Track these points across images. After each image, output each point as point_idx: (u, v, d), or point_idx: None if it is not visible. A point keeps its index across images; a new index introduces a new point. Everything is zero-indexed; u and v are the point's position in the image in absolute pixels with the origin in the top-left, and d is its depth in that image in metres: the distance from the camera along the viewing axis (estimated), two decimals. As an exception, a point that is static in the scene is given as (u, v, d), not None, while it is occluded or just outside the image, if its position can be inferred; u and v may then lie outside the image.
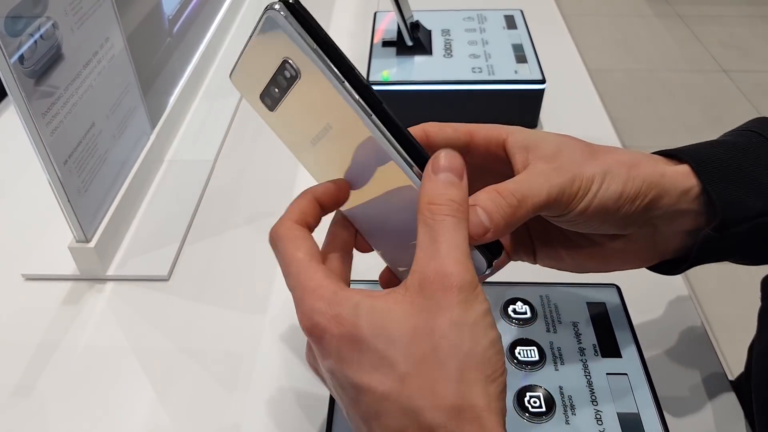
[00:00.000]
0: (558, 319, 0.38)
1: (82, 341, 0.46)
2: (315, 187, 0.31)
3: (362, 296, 0.26)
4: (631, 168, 0.31)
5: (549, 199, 0.29)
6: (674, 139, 1.92)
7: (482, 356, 0.24)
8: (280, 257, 0.29)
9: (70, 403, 0.42)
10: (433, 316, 0.24)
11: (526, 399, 0.33)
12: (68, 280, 0.51)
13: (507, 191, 0.29)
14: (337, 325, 0.25)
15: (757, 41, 2.45)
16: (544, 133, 0.33)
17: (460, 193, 0.27)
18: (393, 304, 0.25)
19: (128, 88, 0.55)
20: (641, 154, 0.33)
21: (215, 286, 0.51)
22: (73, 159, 0.47)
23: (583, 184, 0.30)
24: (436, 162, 0.27)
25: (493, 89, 0.64)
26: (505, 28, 0.74)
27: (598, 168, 0.31)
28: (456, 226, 0.26)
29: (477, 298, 0.25)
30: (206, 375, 0.44)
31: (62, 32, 0.45)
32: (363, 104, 0.27)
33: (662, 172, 0.32)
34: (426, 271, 0.25)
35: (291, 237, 0.29)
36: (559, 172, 0.30)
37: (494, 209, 0.28)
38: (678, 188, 0.32)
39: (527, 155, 0.31)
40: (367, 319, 0.25)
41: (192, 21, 0.73)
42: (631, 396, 0.34)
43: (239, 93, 0.32)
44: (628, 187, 0.31)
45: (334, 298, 0.26)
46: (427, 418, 0.24)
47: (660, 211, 0.32)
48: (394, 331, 0.24)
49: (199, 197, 0.59)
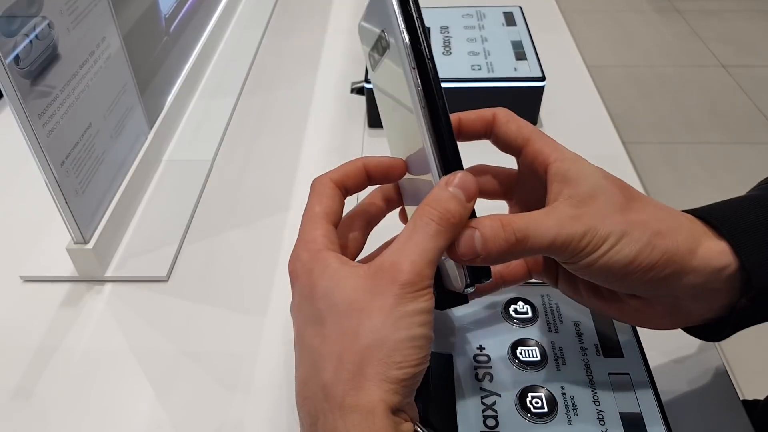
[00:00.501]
0: (559, 318, 0.38)
1: (81, 343, 0.46)
2: (371, 157, 0.33)
3: (336, 261, 0.29)
4: (655, 235, 0.29)
5: (552, 246, 0.29)
6: (674, 134, 1.92)
7: (396, 344, 0.26)
8: (306, 204, 0.32)
9: (70, 406, 0.42)
10: (370, 298, 0.27)
11: (528, 399, 0.33)
12: (67, 281, 0.51)
13: (510, 226, 0.29)
14: (306, 277, 0.29)
15: (756, 36, 2.45)
16: (588, 168, 0.32)
17: (461, 210, 0.28)
18: (351, 275, 0.28)
19: (125, 88, 0.55)
20: (680, 217, 0.31)
21: (215, 286, 0.50)
22: (70, 160, 0.46)
23: (594, 240, 0.29)
24: (452, 177, 0.29)
25: (493, 87, 0.64)
26: (504, 25, 0.73)
27: (618, 226, 0.29)
28: (436, 233, 0.28)
29: (417, 297, 0.27)
30: (206, 376, 0.43)
31: (58, 32, 0.45)
32: (422, 98, 0.29)
33: (691, 248, 0.30)
34: (386, 259, 0.28)
35: (319, 191, 0.32)
36: (577, 221, 0.29)
37: (491, 238, 0.29)
38: (710, 267, 0.30)
39: (562, 189, 0.31)
40: (327, 280, 0.29)
41: (189, 20, 0.72)
42: (634, 396, 0.33)
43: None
44: (642, 256, 0.29)
45: (317, 254, 0.29)
46: (326, 379, 0.27)
47: (681, 288, 0.30)
48: (337, 298, 0.28)
49: (198, 197, 0.59)
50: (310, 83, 0.75)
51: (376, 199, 0.35)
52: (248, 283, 0.51)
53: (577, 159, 0.32)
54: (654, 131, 1.95)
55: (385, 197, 0.35)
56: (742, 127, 1.97)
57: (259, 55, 0.81)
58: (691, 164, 1.82)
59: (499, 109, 0.35)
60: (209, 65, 0.77)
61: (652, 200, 0.32)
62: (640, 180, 0.60)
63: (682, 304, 0.32)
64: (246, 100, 0.73)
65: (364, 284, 0.28)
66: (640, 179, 0.60)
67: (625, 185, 0.32)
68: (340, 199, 0.32)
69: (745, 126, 1.98)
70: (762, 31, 2.48)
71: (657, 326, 0.34)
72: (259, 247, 0.54)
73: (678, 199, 1.65)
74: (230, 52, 0.81)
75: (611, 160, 0.62)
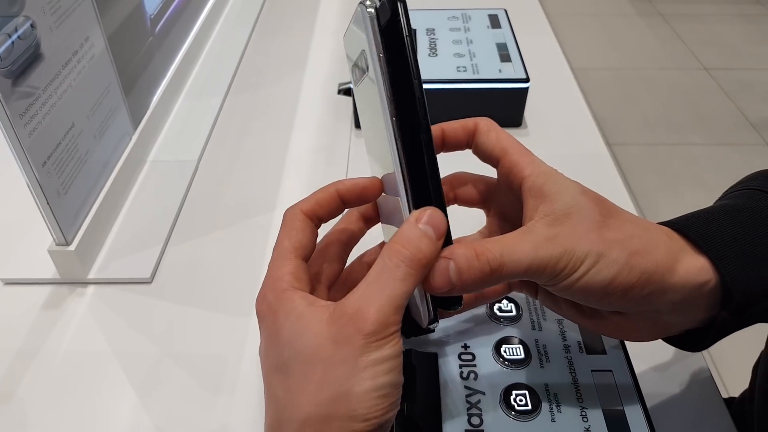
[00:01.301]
0: (543, 317, 0.38)
1: (63, 346, 0.46)
2: (343, 180, 0.33)
3: (302, 303, 0.28)
4: (633, 255, 0.29)
5: (529, 271, 0.28)
6: (657, 136, 1.94)
7: (360, 397, 0.26)
8: (277, 237, 0.32)
9: (51, 410, 0.42)
10: (334, 347, 0.26)
11: (512, 397, 0.33)
12: (48, 284, 0.50)
13: (484, 255, 0.28)
14: (272, 319, 0.29)
15: (737, 39, 2.48)
16: (564, 182, 0.31)
17: (431, 249, 0.27)
18: (316, 320, 0.27)
19: (109, 88, 0.55)
20: (658, 232, 0.31)
21: (199, 288, 0.50)
22: (52, 160, 0.46)
23: (571, 263, 0.28)
24: (422, 213, 0.28)
25: (478, 88, 0.64)
26: (490, 27, 0.74)
27: (595, 246, 0.29)
28: (405, 277, 0.27)
29: (383, 345, 0.26)
30: (190, 379, 0.43)
31: (40, 32, 0.44)
32: (395, 127, 0.28)
33: (670, 266, 0.29)
34: (352, 304, 0.27)
35: (289, 224, 0.31)
36: (551, 243, 0.29)
37: (466, 269, 0.28)
38: (690, 283, 0.30)
39: (537, 205, 0.30)
40: (292, 324, 0.28)
41: (175, 20, 0.72)
42: (616, 393, 0.34)
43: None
44: (620, 278, 0.29)
45: (282, 295, 0.29)
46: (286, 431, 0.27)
47: (661, 304, 0.30)
48: (301, 346, 0.27)
49: (183, 198, 0.58)
50: (297, 83, 0.75)
51: (353, 220, 0.35)
52: (233, 284, 0.50)
53: (553, 173, 0.32)
54: (638, 133, 1.97)
55: (362, 216, 0.35)
56: (724, 128, 2.00)
57: (246, 55, 0.81)
58: (675, 165, 1.84)
59: (481, 118, 0.34)
60: (195, 65, 0.77)
61: (629, 215, 0.31)
62: (624, 181, 0.60)
63: (662, 318, 0.32)
64: (232, 101, 0.73)
65: (328, 331, 0.27)
66: (624, 180, 0.61)
67: (601, 200, 0.31)
68: (312, 230, 0.32)
69: (727, 127, 2.01)
70: (743, 34, 2.52)
71: (638, 338, 0.34)
72: (245, 248, 0.54)
73: (662, 200, 1.66)
74: (217, 53, 0.80)
75: (595, 161, 0.63)
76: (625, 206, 0.56)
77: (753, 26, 2.57)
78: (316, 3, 0.93)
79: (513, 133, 0.65)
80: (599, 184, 0.60)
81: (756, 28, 2.55)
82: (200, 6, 0.81)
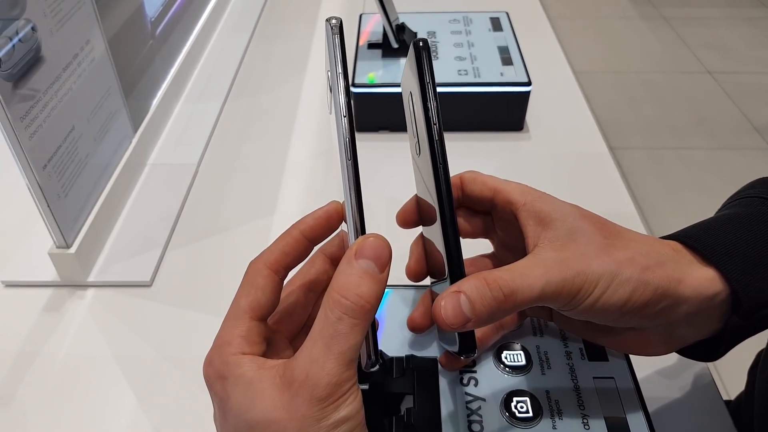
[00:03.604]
0: (545, 323, 0.38)
1: (62, 349, 0.46)
2: (303, 219, 0.31)
3: (251, 366, 0.27)
4: (644, 270, 0.29)
5: (543, 295, 0.28)
6: (660, 139, 1.94)
7: None
8: (236, 292, 0.30)
9: (51, 412, 0.41)
10: (288, 417, 0.25)
11: (513, 404, 0.33)
12: (48, 286, 0.50)
13: (496, 283, 0.27)
14: (221, 386, 0.27)
15: (741, 43, 2.48)
16: (561, 206, 0.31)
17: (374, 288, 0.26)
18: (267, 387, 0.26)
19: (109, 91, 0.55)
20: (663, 248, 0.31)
21: (198, 291, 0.50)
22: (52, 163, 0.46)
23: (586, 285, 0.28)
24: (361, 247, 0.26)
25: (480, 92, 0.64)
26: (491, 30, 0.74)
27: (607, 267, 0.28)
28: (350, 329, 0.25)
29: (339, 406, 0.25)
30: (189, 382, 0.43)
31: (41, 34, 0.44)
32: (348, 146, 0.27)
33: (681, 278, 0.29)
34: (301, 368, 0.25)
35: (249, 281, 0.30)
36: (563, 266, 0.28)
37: (478, 299, 0.27)
38: (701, 295, 0.30)
39: (540, 232, 0.30)
40: (240, 395, 0.26)
41: (175, 23, 0.72)
42: (618, 400, 0.33)
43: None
44: (636, 295, 0.28)
45: (229, 360, 0.27)
46: None
47: (676, 317, 0.30)
48: (253, 418, 0.25)
49: (182, 202, 0.58)
50: (297, 88, 0.75)
51: (317, 261, 0.33)
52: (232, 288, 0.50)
53: (548, 198, 0.31)
54: (640, 137, 1.97)
55: (328, 257, 0.33)
56: (727, 132, 2.00)
57: (246, 59, 0.81)
58: (678, 169, 1.84)
59: (465, 172, 0.34)
60: (195, 69, 0.77)
61: (632, 233, 0.31)
62: (627, 185, 0.60)
63: (676, 331, 0.32)
64: (232, 104, 0.72)
65: (280, 400, 0.25)
66: (627, 184, 0.61)
67: (602, 222, 0.31)
68: (275, 286, 0.30)
69: (731, 131, 2.00)
70: (746, 37, 2.51)
71: (653, 353, 0.33)
72: (244, 252, 0.53)
73: (664, 204, 1.66)
74: (217, 56, 0.80)
75: (597, 165, 0.63)
76: (627, 211, 0.57)
77: (756, 29, 2.57)
78: (315, 8, 0.93)
79: (514, 137, 0.66)
80: (601, 189, 0.60)
81: (759, 31, 2.55)
82: (200, 9, 0.81)
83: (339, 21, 0.28)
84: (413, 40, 0.30)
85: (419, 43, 0.30)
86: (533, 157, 0.64)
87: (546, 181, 0.32)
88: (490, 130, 0.66)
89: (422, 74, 0.29)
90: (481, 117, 0.66)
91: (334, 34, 0.28)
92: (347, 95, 0.27)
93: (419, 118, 0.30)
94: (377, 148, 0.63)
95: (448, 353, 0.34)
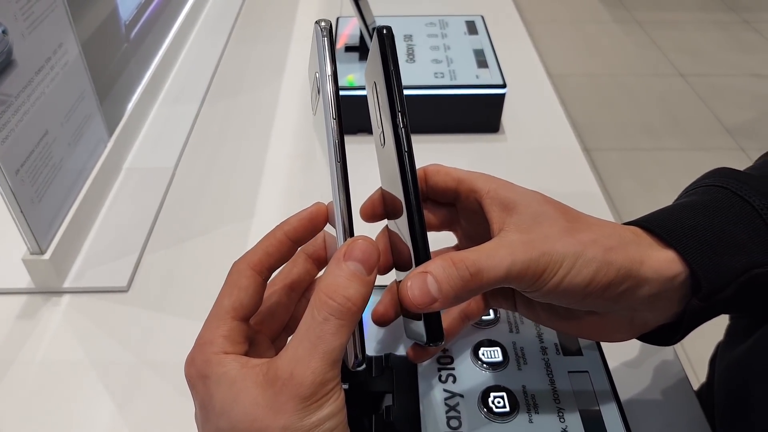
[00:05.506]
0: (520, 320, 0.39)
1: (38, 356, 0.45)
2: (287, 220, 0.31)
3: (234, 365, 0.27)
4: (607, 251, 0.29)
5: (509, 275, 0.28)
6: (633, 141, 1.97)
7: None
8: (219, 292, 0.30)
9: (27, 420, 0.41)
10: (272, 415, 0.25)
11: (490, 399, 0.34)
12: (23, 293, 0.49)
13: (462, 263, 0.28)
14: (203, 385, 0.27)
15: (712, 46, 2.53)
16: (524, 193, 0.32)
17: (361, 290, 0.26)
18: (250, 385, 0.26)
19: (83, 95, 0.54)
20: (624, 231, 0.31)
21: (176, 296, 0.50)
22: (25, 168, 0.45)
23: (551, 265, 0.29)
24: (351, 248, 0.26)
25: (456, 94, 0.65)
26: (467, 33, 0.74)
27: (571, 248, 0.29)
28: (337, 330, 0.25)
29: (324, 404, 0.25)
30: (168, 387, 0.43)
31: (12, 38, 0.44)
32: (338, 148, 0.27)
33: (642, 260, 0.30)
34: (285, 367, 0.25)
35: (233, 281, 0.30)
36: (528, 247, 0.29)
37: (445, 279, 0.27)
38: (662, 276, 0.30)
39: (504, 218, 0.30)
40: (224, 392, 0.26)
41: (150, 26, 0.72)
42: (592, 393, 0.34)
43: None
44: (600, 275, 0.29)
45: (212, 359, 0.27)
46: None
47: (637, 300, 0.31)
48: (237, 416, 0.25)
49: (159, 206, 0.58)
50: (275, 90, 0.75)
51: (299, 261, 0.33)
52: (210, 292, 0.49)
53: (512, 186, 0.32)
54: (615, 138, 2.00)
55: (310, 257, 0.33)
56: (699, 133, 2.04)
57: (223, 61, 0.81)
58: (651, 170, 1.87)
59: (428, 166, 0.34)
60: (171, 72, 0.76)
61: (593, 218, 0.32)
62: (601, 186, 0.61)
63: (638, 315, 0.32)
64: (209, 107, 0.72)
65: (264, 398, 0.25)
66: (601, 185, 0.62)
67: (564, 207, 0.32)
68: (257, 287, 0.30)
69: (703, 132, 2.04)
70: (717, 41, 2.57)
71: (616, 339, 0.34)
72: (222, 255, 0.53)
73: (639, 204, 1.69)
74: (193, 59, 0.80)
75: (572, 166, 0.64)
76: (601, 210, 0.58)
77: (726, 33, 2.63)
78: (292, 11, 0.94)
79: (490, 139, 0.67)
80: (576, 189, 0.61)
81: (729, 35, 2.61)
82: (176, 12, 0.81)
83: (329, 24, 0.28)
84: (377, 28, 0.30)
85: (383, 30, 0.29)
86: (509, 158, 0.65)
87: (521, 181, 0.33)
88: (466, 132, 0.67)
89: (386, 62, 0.29)
90: (457, 119, 0.67)
91: (323, 36, 0.27)
92: (337, 98, 0.27)
93: (384, 107, 0.30)
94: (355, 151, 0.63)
95: (415, 345, 0.34)
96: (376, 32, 0.30)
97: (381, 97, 0.30)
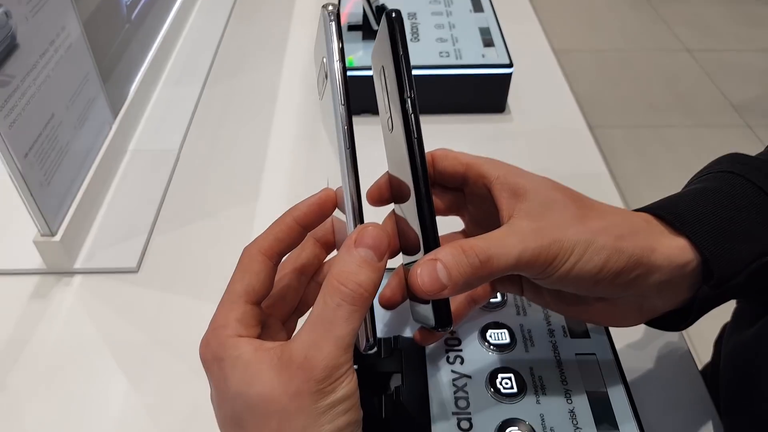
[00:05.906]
0: (528, 302, 0.39)
1: (51, 336, 0.46)
2: (297, 206, 0.31)
3: (248, 350, 0.27)
4: (618, 239, 0.29)
5: (519, 262, 0.28)
6: (639, 118, 1.96)
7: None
8: (231, 277, 0.30)
9: (42, 399, 0.42)
10: (287, 397, 0.25)
11: (498, 380, 0.34)
12: (35, 274, 0.50)
13: (472, 250, 0.28)
14: (218, 368, 0.27)
15: (720, 21, 2.50)
16: (534, 179, 0.31)
17: (372, 276, 0.26)
18: (265, 368, 0.26)
19: (87, 77, 0.54)
20: (635, 218, 0.32)
21: (185, 276, 0.50)
22: (33, 151, 0.45)
23: (561, 252, 0.29)
24: (361, 234, 0.27)
25: (461, 74, 0.64)
26: (472, 11, 0.74)
27: (582, 235, 0.29)
28: (349, 316, 0.26)
29: (337, 387, 0.26)
30: (179, 366, 0.43)
31: (16, 21, 0.43)
32: (347, 135, 0.27)
33: (653, 247, 0.30)
34: (299, 351, 0.26)
35: (243, 266, 0.30)
36: (538, 234, 0.29)
37: (454, 266, 0.27)
38: (673, 263, 0.30)
39: (514, 204, 0.30)
40: (239, 374, 0.26)
41: (150, 6, 0.71)
42: (600, 375, 0.34)
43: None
44: (611, 263, 0.29)
45: (226, 342, 0.27)
46: None
47: (647, 287, 0.31)
48: (253, 398, 0.26)
49: (166, 187, 0.58)
50: (277, 70, 0.75)
51: (308, 246, 0.33)
52: (218, 271, 0.50)
53: (521, 171, 0.32)
54: (620, 115, 1.98)
55: (318, 242, 0.33)
56: (705, 110, 2.02)
57: (224, 41, 0.80)
58: (656, 147, 1.86)
59: (435, 150, 0.34)
60: (173, 52, 0.76)
61: (604, 205, 0.32)
62: (606, 163, 0.61)
63: (647, 302, 0.32)
64: (212, 88, 0.72)
65: (279, 380, 0.26)
66: (606, 162, 0.62)
67: (575, 194, 0.32)
68: (269, 272, 0.30)
69: (709, 109, 2.03)
70: (725, 16, 2.53)
71: (624, 324, 0.34)
72: (228, 235, 0.54)
73: (643, 182, 1.68)
74: (194, 39, 0.79)
75: (579, 147, 0.64)
76: (608, 191, 0.58)
77: (735, 6, 2.59)
78: (297, -13, 0.92)
79: (496, 119, 0.66)
80: (583, 170, 0.61)
81: (738, 9, 2.57)
82: (179, -9, 0.80)
83: (336, 7, 0.27)
84: (385, 11, 0.29)
85: (392, 14, 0.29)
86: (515, 139, 0.64)
87: (527, 162, 0.33)
88: (472, 112, 0.67)
89: (395, 45, 0.29)
90: (463, 99, 0.66)
91: (330, 21, 0.27)
92: (345, 83, 0.27)
93: (392, 92, 0.30)
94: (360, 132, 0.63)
95: (422, 329, 0.35)
96: (385, 15, 0.29)
97: (390, 83, 0.30)
